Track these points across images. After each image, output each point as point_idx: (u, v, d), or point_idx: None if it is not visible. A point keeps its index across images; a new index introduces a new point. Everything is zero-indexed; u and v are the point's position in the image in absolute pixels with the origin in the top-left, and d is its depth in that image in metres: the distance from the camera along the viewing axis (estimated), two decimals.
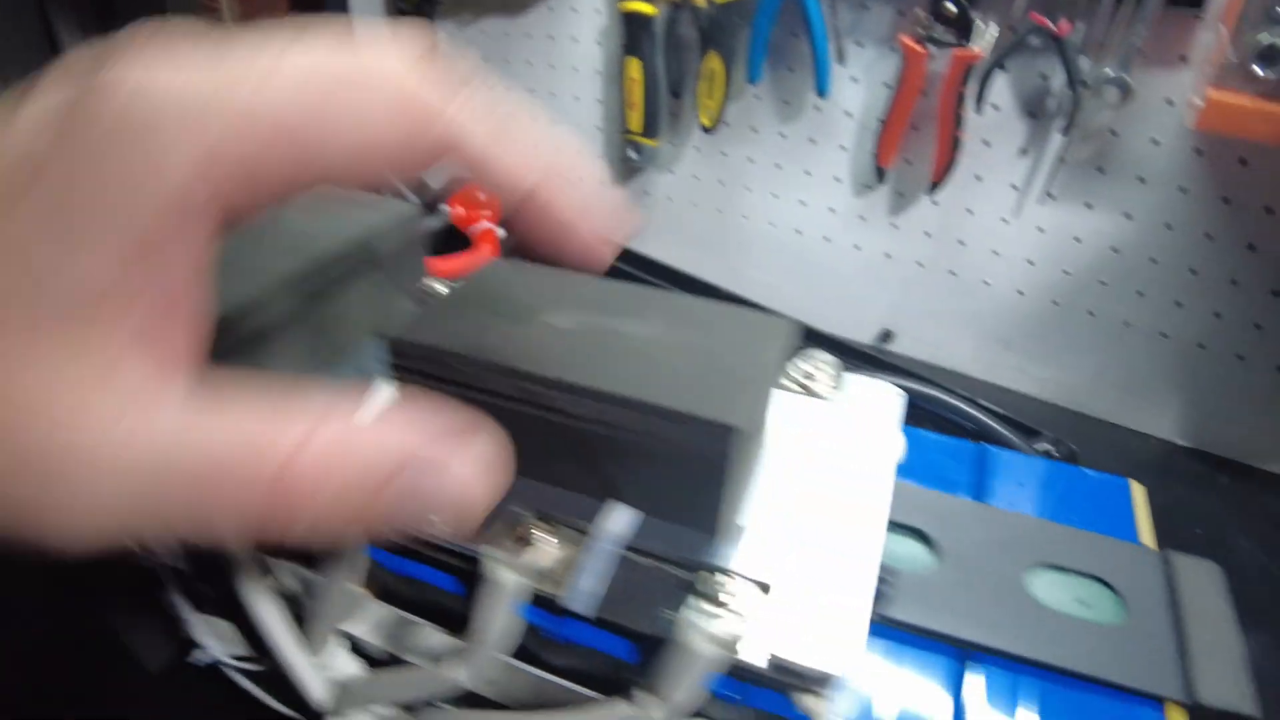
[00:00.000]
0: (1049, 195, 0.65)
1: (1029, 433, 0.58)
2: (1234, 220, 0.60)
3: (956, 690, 0.25)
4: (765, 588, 0.25)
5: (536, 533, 0.26)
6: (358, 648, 0.34)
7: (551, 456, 0.27)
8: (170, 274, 0.16)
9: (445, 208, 0.67)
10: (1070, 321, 0.69)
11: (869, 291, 0.77)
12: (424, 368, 0.27)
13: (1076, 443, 0.70)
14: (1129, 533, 0.30)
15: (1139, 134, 0.60)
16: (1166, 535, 0.64)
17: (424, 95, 0.18)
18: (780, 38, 0.70)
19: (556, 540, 0.26)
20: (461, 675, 0.27)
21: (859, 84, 0.69)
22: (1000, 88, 0.63)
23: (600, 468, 0.26)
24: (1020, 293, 0.70)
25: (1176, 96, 0.57)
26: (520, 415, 0.25)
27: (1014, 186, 0.66)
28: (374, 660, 0.34)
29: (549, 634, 0.27)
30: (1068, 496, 0.31)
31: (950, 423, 0.56)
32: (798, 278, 0.81)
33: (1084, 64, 0.58)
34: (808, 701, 0.23)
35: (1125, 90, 0.58)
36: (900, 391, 0.32)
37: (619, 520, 0.26)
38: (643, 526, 0.26)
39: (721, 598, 0.24)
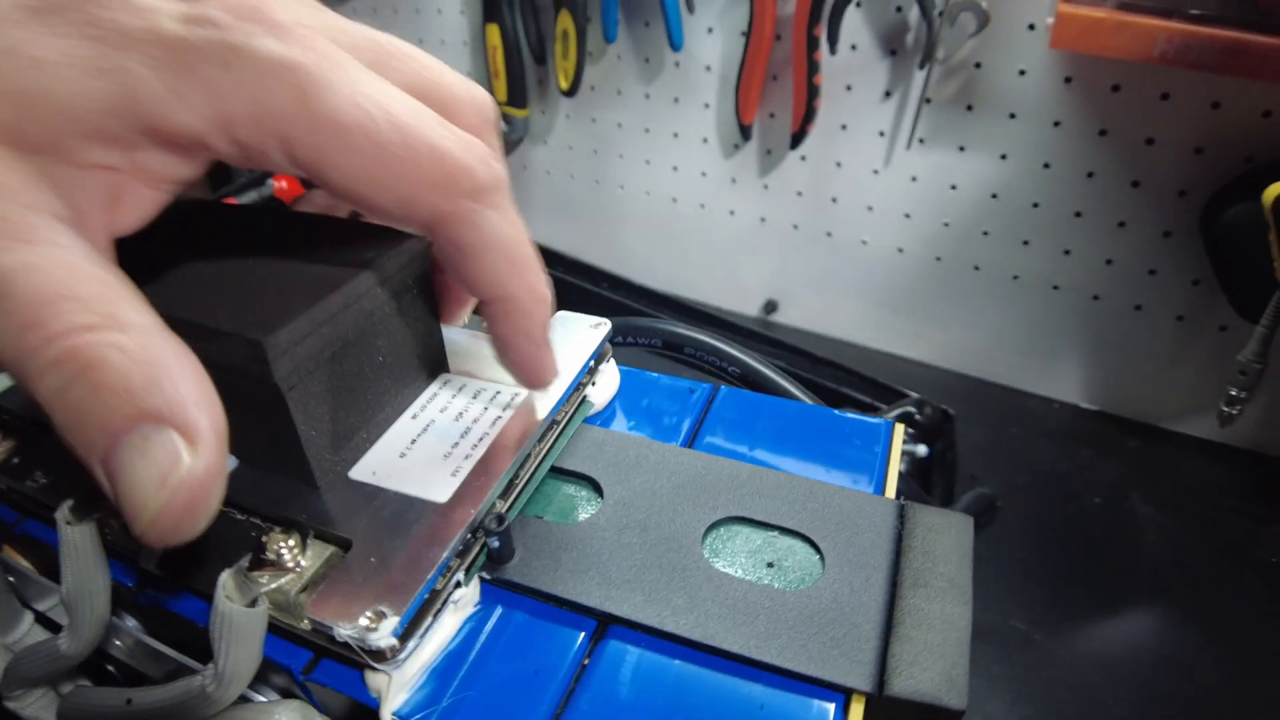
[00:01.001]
0: (919, 140, 0.59)
1: (894, 394, 0.52)
2: (1114, 155, 0.54)
3: (570, 674, 0.19)
4: (347, 545, 0.20)
5: None
6: (53, 624, 0.30)
7: None
8: (149, 170, 0.17)
9: (270, 181, 0.62)
10: (956, 278, 0.64)
11: (749, 260, 0.72)
12: None
13: (977, 412, 0.65)
14: (875, 482, 0.24)
15: (1004, 65, 0.54)
16: (1061, 507, 0.59)
17: (461, 178, 0.18)
18: None
19: None
20: (63, 643, 0.23)
21: (715, 34, 0.63)
22: (856, 25, 0.58)
23: None
24: (900, 250, 0.64)
25: (1038, 20, 0.52)
26: None
27: (881, 133, 0.60)
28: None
29: (147, 599, 0.23)
30: (809, 442, 0.26)
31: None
32: (678, 250, 0.76)
33: None
34: (371, 679, 0.19)
35: (981, 16, 0.52)
36: (605, 327, 0.27)
37: None
38: (241, 478, 0.22)
39: (275, 555, 0.20)
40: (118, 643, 0.28)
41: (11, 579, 0.29)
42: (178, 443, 0.15)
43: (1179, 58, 0.46)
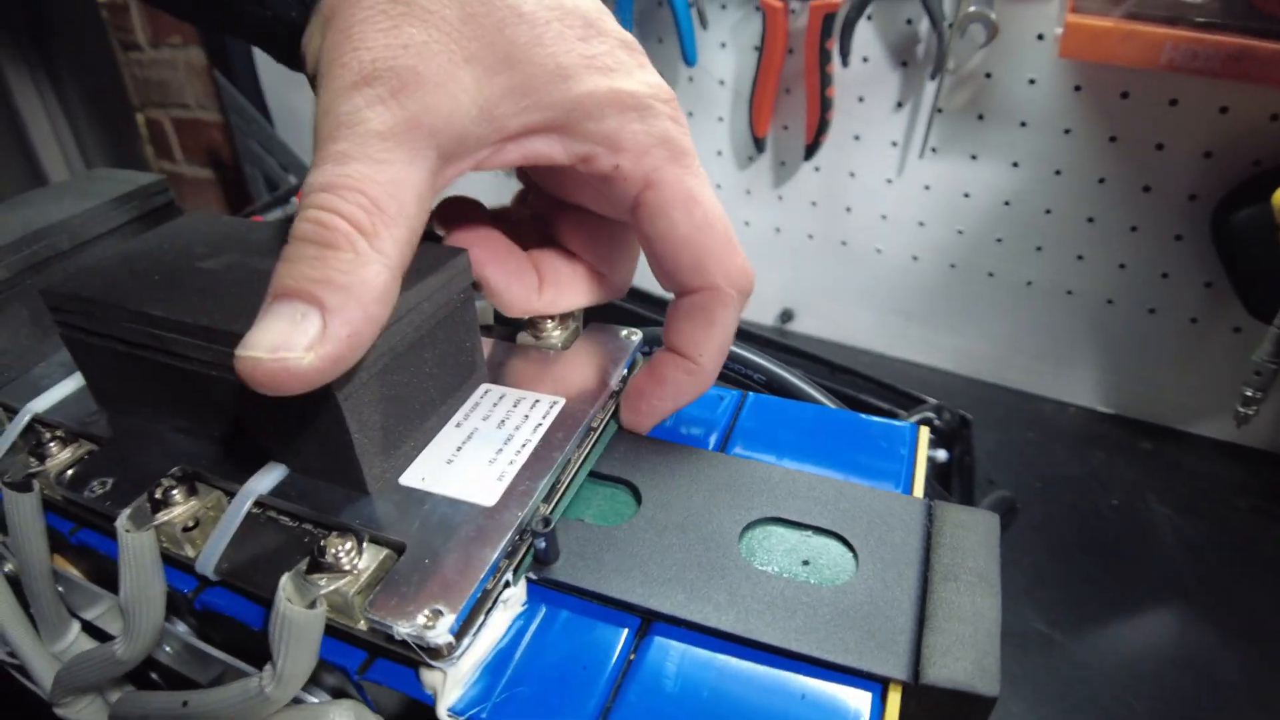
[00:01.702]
0: (931, 149, 0.60)
1: (913, 400, 0.53)
2: (1125, 161, 0.55)
3: (617, 669, 0.20)
4: (400, 548, 0.21)
5: (175, 494, 0.23)
6: (99, 632, 0.31)
7: (210, 414, 0.25)
8: (535, 148, 0.22)
9: (294, 200, 0.63)
10: (970, 285, 0.64)
11: (765, 270, 0.73)
12: (74, 320, 0.25)
13: (992, 416, 0.66)
14: (902, 482, 0.25)
15: (1014, 74, 0.55)
16: (1077, 509, 0.59)
17: (741, 277, 0.24)
18: (646, 6, 0.66)
19: (194, 500, 0.23)
20: (119, 648, 0.24)
21: (728, 49, 0.65)
22: (868, 38, 0.59)
23: (250, 423, 0.24)
24: (915, 258, 0.65)
25: (1046, 30, 0.53)
26: (175, 370, 0.23)
27: (894, 143, 0.61)
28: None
29: (202, 604, 0.24)
30: (838, 445, 0.27)
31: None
32: None
33: (947, 3, 0.54)
34: (427, 676, 0.20)
35: (991, 27, 0.53)
36: (637, 336, 0.28)
37: (266, 479, 0.23)
38: (293, 485, 0.23)
39: (333, 559, 0.21)
40: (167, 649, 0.29)
41: (60, 589, 0.30)
42: (311, 339, 0.18)
43: (1185, 64, 0.47)
